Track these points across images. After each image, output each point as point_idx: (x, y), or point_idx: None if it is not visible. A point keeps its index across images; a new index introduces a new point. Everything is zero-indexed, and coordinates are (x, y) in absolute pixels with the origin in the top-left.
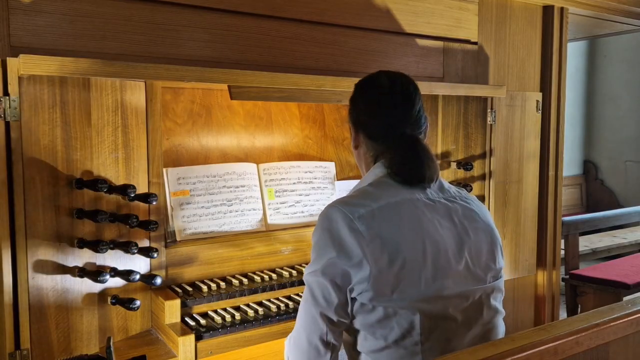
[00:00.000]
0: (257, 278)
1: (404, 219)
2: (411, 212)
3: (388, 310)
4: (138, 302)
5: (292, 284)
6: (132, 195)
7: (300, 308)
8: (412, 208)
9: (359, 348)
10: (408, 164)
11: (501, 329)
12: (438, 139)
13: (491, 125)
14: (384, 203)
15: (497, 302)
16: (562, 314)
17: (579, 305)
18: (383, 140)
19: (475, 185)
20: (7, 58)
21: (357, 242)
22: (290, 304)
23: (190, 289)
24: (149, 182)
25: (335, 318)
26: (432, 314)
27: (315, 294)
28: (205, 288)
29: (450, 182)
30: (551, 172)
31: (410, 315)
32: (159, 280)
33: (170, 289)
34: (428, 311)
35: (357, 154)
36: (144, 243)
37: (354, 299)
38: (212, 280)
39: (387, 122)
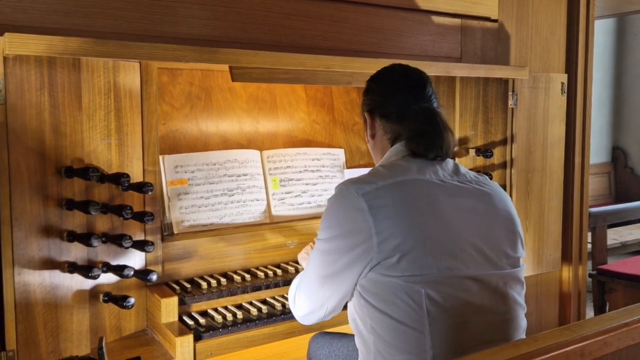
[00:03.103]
0: (261, 274)
1: (410, 195)
2: (419, 189)
3: (393, 285)
4: (132, 300)
5: None
6: (126, 184)
7: (309, 264)
8: (421, 187)
9: (369, 331)
10: (427, 133)
11: (522, 324)
12: (455, 124)
13: (512, 109)
14: (391, 181)
15: (516, 293)
16: (589, 313)
17: (607, 303)
18: (400, 119)
19: (496, 174)
20: None
21: (360, 219)
22: None
23: (188, 285)
24: (144, 170)
25: (331, 280)
26: (440, 293)
27: (320, 260)
28: (204, 284)
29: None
30: (577, 160)
31: (416, 292)
32: (154, 276)
33: (167, 285)
34: (435, 290)
35: (372, 143)
36: (139, 236)
37: (359, 275)
38: (212, 276)
39: (403, 99)
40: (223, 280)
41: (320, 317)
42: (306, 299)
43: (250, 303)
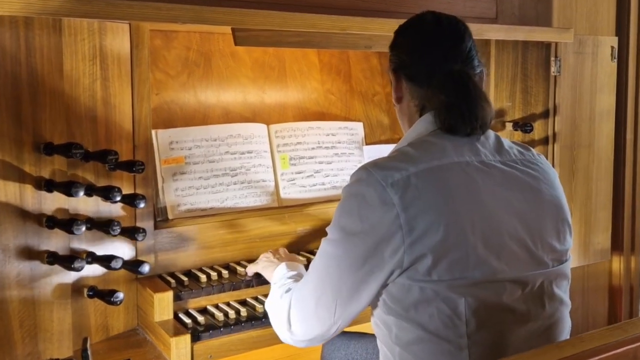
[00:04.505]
0: None
1: (447, 185)
2: (458, 178)
3: (426, 291)
4: (121, 295)
5: None
6: (114, 163)
7: (312, 271)
8: (459, 174)
9: (394, 341)
10: (457, 105)
11: (567, 325)
12: (490, 94)
13: (555, 77)
14: (424, 167)
15: (562, 291)
16: None
17: None
18: (428, 83)
19: (536, 151)
20: None
21: (388, 214)
22: None
23: (185, 278)
24: (134, 146)
25: (346, 295)
26: (481, 301)
27: (330, 269)
28: (203, 277)
29: None
30: (629, 135)
31: (454, 300)
32: (146, 268)
33: (160, 278)
34: (477, 297)
35: (399, 109)
36: (129, 222)
37: (385, 284)
38: (212, 268)
39: (431, 58)
40: (225, 273)
41: (325, 339)
42: (308, 322)
43: (256, 299)
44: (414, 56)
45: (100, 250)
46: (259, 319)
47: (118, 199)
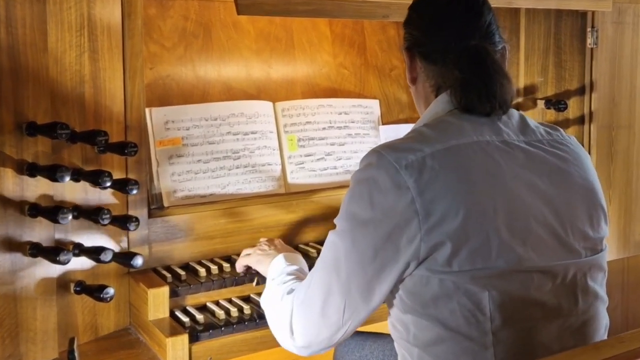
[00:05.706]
0: None
1: (466, 166)
2: (478, 158)
3: (446, 283)
4: (111, 291)
5: None
6: (103, 144)
7: (318, 268)
8: (479, 154)
9: (412, 342)
10: (473, 82)
11: (603, 322)
12: (520, 68)
13: (592, 49)
14: (440, 147)
15: (598, 284)
16: None
17: None
18: (443, 60)
19: (570, 131)
20: None
21: (402, 198)
22: None
23: (182, 272)
24: (125, 126)
25: (357, 293)
26: (507, 294)
27: (338, 264)
28: (202, 271)
29: None
30: None
31: (477, 293)
32: (139, 261)
33: (155, 272)
34: (501, 290)
35: (414, 91)
36: (120, 210)
37: (402, 279)
38: (212, 261)
39: (447, 35)
40: (226, 266)
41: (330, 346)
42: (313, 325)
43: (260, 295)
44: (428, 33)
45: (89, 241)
46: (263, 318)
47: (108, 184)
